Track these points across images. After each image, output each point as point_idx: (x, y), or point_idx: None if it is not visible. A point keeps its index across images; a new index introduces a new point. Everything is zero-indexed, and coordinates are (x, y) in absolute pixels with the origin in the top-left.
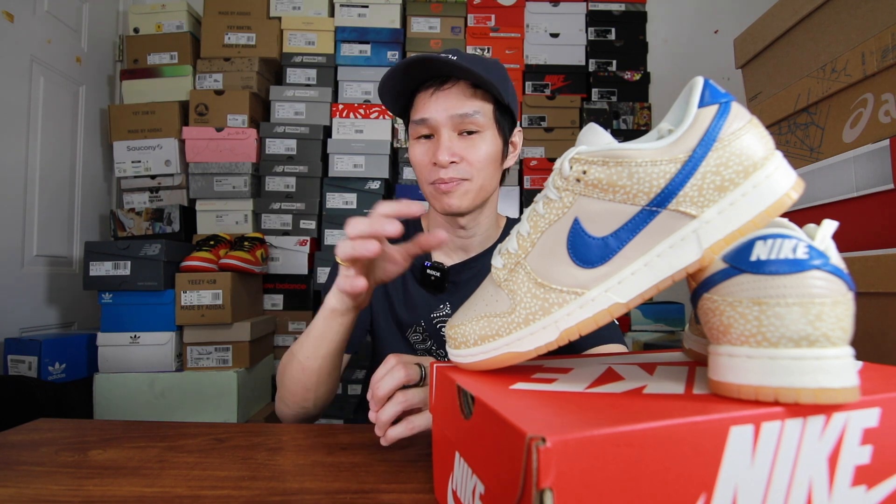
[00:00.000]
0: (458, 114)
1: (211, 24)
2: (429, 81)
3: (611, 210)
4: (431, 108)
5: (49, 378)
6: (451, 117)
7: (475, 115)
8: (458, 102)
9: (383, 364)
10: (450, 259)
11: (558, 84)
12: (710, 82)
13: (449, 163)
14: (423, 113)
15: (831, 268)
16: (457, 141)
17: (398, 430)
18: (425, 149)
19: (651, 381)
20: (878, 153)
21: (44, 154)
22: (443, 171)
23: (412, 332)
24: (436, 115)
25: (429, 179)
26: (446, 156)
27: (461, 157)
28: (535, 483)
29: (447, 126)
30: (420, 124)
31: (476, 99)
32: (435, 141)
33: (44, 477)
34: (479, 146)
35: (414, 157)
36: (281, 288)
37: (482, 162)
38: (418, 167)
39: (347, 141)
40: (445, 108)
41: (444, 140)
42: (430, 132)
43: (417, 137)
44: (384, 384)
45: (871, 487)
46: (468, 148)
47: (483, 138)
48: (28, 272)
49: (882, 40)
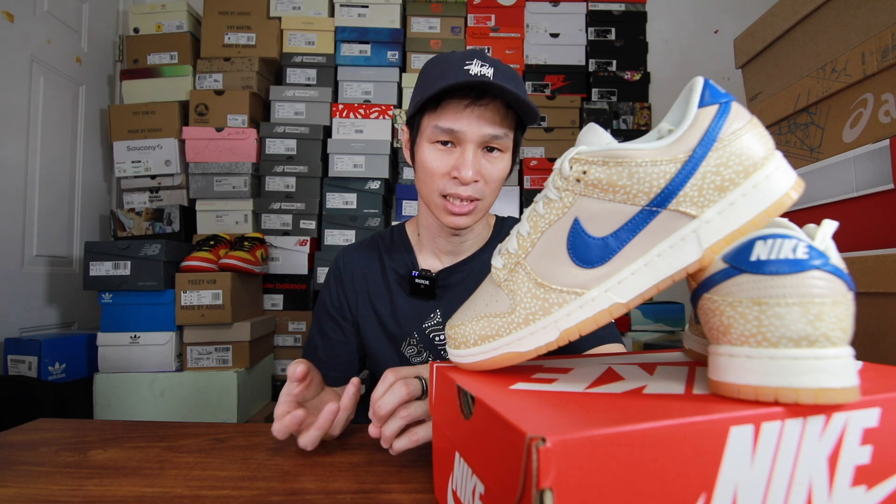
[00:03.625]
0: (490, 133)
1: (211, 24)
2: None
3: (611, 210)
4: (464, 121)
5: (49, 378)
6: (483, 135)
7: (504, 137)
8: (493, 122)
9: (382, 381)
10: (440, 263)
11: (558, 84)
12: (710, 82)
13: (472, 181)
14: (454, 123)
15: (831, 268)
16: (480, 157)
17: (402, 443)
18: (443, 156)
19: (651, 381)
20: (878, 153)
21: (44, 154)
22: (462, 187)
23: (406, 345)
24: (467, 130)
25: (441, 190)
26: (471, 172)
27: (481, 176)
28: (535, 483)
29: (475, 142)
30: (445, 132)
31: (507, 120)
32: (459, 154)
33: (44, 477)
34: (497, 165)
35: (426, 161)
36: (281, 288)
37: (497, 182)
38: (430, 173)
39: (347, 141)
40: (479, 125)
41: (469, 156)
42: (450, 140)
43: (434, 142)
44: (385, 402)
45: (871, 487)
46: (488, 167)
47: (503, 158)
48: (28, 272)
49: (882, 40)
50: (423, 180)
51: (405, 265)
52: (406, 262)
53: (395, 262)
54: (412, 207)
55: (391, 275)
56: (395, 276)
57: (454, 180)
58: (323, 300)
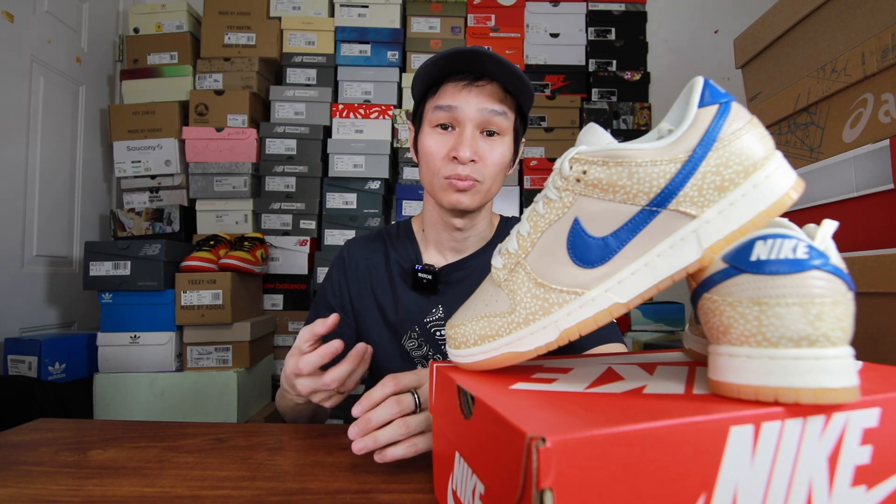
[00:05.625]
0: (488, 108)
1: (211, 24)
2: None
3: (611, 210)
4: (462, 99)
5: (49, 378)
6: (481, 111)
7: (502, 115)
8: (490, 100)
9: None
10: (443, 259)
11: (558, 84)
12: (710, 82)
13: (469, 160)
14: (452, 101)
15: (831, 268)
16: (479, 139)
17: (399, 451)
18: (442, 139)
19: (651, 381)
20: (878, 153)
21: (44, 154)
22: (461, 167)
23: (407, 338)
24: (465, 107)
25: (443, 172)
26: (468, 152)
27: (479, 157)
28: (535, 483)
29: (473, 122)
30: (444, 110)
31: (505, 102)
32: (457, 135)
33: (44, 477)
34: (496, 148)
35: (427, 146)
36: (281, 288)
37: (497, 165)
38: (431, 157)
39: (347, 141)
40: (477, 102)
41: (468, 136)
42: (449, 122)
43: (435, 126)
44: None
45: (871, 487)
46: (487, 149)
47: (502, 142)
48: (28, 272)
49: (882, 40)
50: (425, 167)
51: (409, 259)
52: (410, 257)
53: (399, 256)
54: (412, 207)
55: (395, 268)
56: (398, 270)
57: (454, 161)
58: (324, 290)
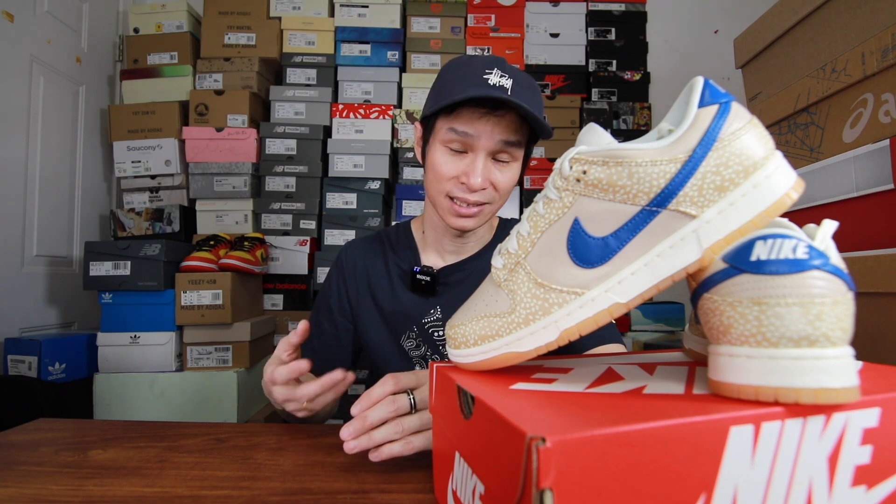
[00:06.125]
0: (503, 140)
1: (211, 24)
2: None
3: (611, 210)
4: (479, 128)
5: (49, 378)
6: (497, 142)
7: (516, 146)
8: (506, 131)
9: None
10: (442, 261)
11: (558, 84)
12: (710, 82)
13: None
14: (469, 128)
15: (831, 268)
16: (490, 166)
17: (395, 448)
18: (454, 161)
19: (651, 381)
20: (878, 153)
21: (44, 154)
22: (471, 193)
23: (406, 338)
24: (481, 137)
25: (449, 192)
26: (479, 179)
27: (489, 184)
28: (535, 483)
29: (487, 150)
30: (459, 135)
31: (521, 131)
32: (469, 161)
33: (44, 477)
34: (506, 174)
35: (437, 163)
36: (281, 288)
37: (507, 189)
38: (439, 176)
39: (347, 141)
40: (494, 133)
41: (480, 164)
42: (463, 147)
43: (447, 145)
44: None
45: (871, 487)
46: (497, 174)
47: (512, 167)
48: (28, 272)
49: (882, 40)
50: (431, 181)
51: (408, 261)
52: (409, 259)
53: (398, 258)
54: (412, 207)
55: (394, 269)
56: (397, 271)
57: (462, 185)
58: (324, 293)
